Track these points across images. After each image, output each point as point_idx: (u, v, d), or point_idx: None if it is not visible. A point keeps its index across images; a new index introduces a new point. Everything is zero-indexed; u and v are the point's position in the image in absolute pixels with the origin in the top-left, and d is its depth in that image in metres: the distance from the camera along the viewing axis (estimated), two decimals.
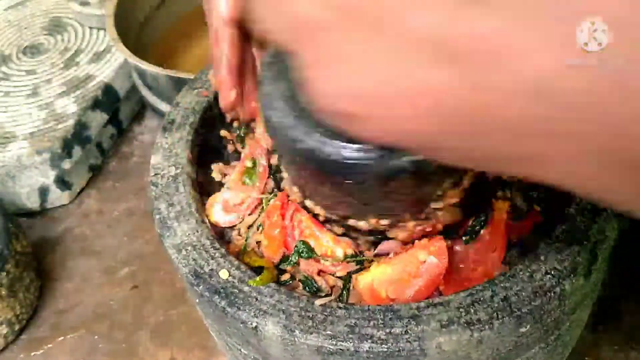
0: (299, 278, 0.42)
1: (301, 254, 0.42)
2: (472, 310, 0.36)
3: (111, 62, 0.91)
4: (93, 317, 0.73)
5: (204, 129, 0.51)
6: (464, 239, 0.42)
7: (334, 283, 0.42)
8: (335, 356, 0.36)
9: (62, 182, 0.84)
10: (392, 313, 0.36)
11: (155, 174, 0.47)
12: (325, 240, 0.43)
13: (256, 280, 0.39)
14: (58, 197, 0.84)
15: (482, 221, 0.42)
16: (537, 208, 0.43)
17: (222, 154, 0.52)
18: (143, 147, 0.91)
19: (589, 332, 0.61)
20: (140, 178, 0.87)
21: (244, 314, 0.38)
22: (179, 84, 0.75)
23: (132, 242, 0.80)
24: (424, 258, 0.39)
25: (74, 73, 0.90)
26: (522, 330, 0.36)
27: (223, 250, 0.42)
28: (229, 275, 0.40)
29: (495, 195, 0.43)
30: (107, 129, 0.90)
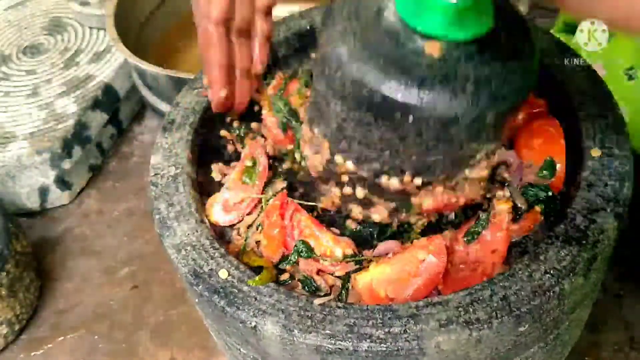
0: (298, 278, 0.42)
1: (301, 254, 0.42)
2: (471, 310, 0.36)
3: (111, 62, 0.91)
4: (93, 317, 0.73)
5: (204, 129, 0.51)
6: (465, 239, 0.42)
7: (333, 283, 0.42)
8: (334, 355, 0.36)
9: (62, 182, 0.84)
10: (391, 312, 0.36)
11: (155, 174, 0.47)
12: (325, 240, 0.43)
13: (255, 280, 0.39)
14: (58, 197, 0.84)
15: (484, 221, 0.42)
16: (538, 208, 0.43)
17: (222, 154, 0.52)
18: (143, 147, 0.91)
19: (589, 332, 0.61)
20: (140, 178, 0.87)
21: (243, 314, 0.38)
22: (179, 84, 0.75)
23: (132, 242, 0.80)
24: (423, 257, 0.39)
25: (74, 73, 0.90)
26: (521, 329, 0.36)
27: (222, 250, 0.42)
28: (228, 275, 0.40)
29: (496, 195, 0.43)
30: (107, 129, 0.90)
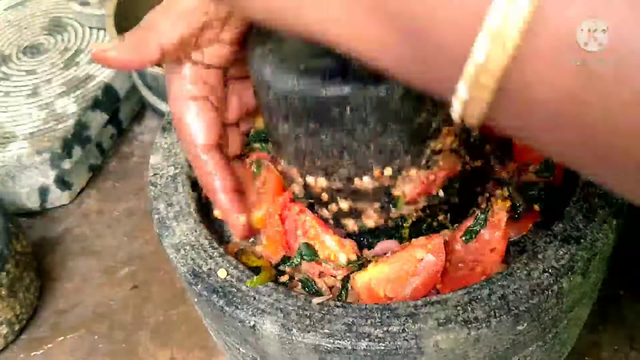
0: (298, 278, 0.42)
1: (304, 257, 0.42)
2: (470, 309, 0.36)
3: None
4: (93, 317, 0.73)
5: None
6: (464, 238, 0.42)
7: (333, 284, 0.42)
8: (332, 354, 0.36)
9: (62, 182, 0.84)
10: (389, 311, 0.36)
11: (155, 174, 0.47)
12: (330, 242, 0.42)
13: (253, 280, 0.39)
14: (58, 197, 0.84)
15: (482, 220, 0.42)
16: (536, 207, 0.43)
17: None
18: (143, 147, 0.91)
19: (589, 332, 0.61)
20: (140, 178, 0.87)
21: (242, 313, 0.38)
22: None
23: (132, 242, 0.80)
24: (421, 256, 0.39)
25: (74, 73, 0.90)
26: (520, 328, 0.36)
27: (221, 249, 0.42)
28: (227, 274, 0.40)
29: (494, 194, 0.43)
30: (107, 129, 0.90)
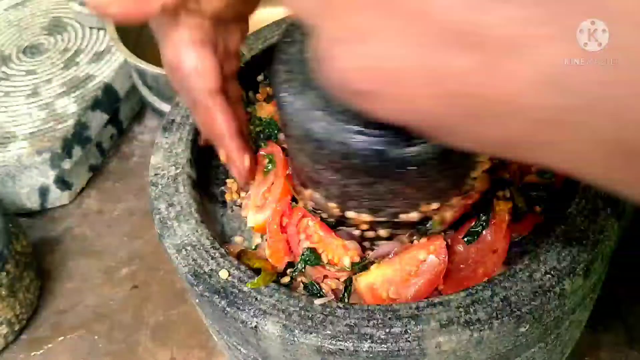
0: (300, 280, 0.42)
1: (308, 262, 0.42)
2: (472, 310, 0.36)
3: (111, 62, 0.90)
4: (93, 317, 0.73)
5: None
6: (466, 240, 0.42)
7: (336, 286, 0.42)
8: (334, 356, 0.36)
9: (62, 182, 0.83)
10: (391, 313, 0.36)
11: (155, 174, 0.47)
12: (334, 246, 0.42)
13: (254, 282, 0.39)
14: (58, 197, 0.84)
15: (484, 222, 0.42)
16: (538, 209, 0.43)
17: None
18: (143, 147, 0.91)
19: (589, 332, 0.61)
20: (140, 178, 0.86)
21: (244, 314, 0.38)
22: None
23: (132, 242, 0.80)
24: (423, 257, 0.39)
25: (74, 73, 0.90)
26: (522, 329, 0.36)
27: (223, 250, 0.41)
28: (229, 275, 0.40)
29: (496, 195, 0.43)
30: (107, 129, 0.90)
